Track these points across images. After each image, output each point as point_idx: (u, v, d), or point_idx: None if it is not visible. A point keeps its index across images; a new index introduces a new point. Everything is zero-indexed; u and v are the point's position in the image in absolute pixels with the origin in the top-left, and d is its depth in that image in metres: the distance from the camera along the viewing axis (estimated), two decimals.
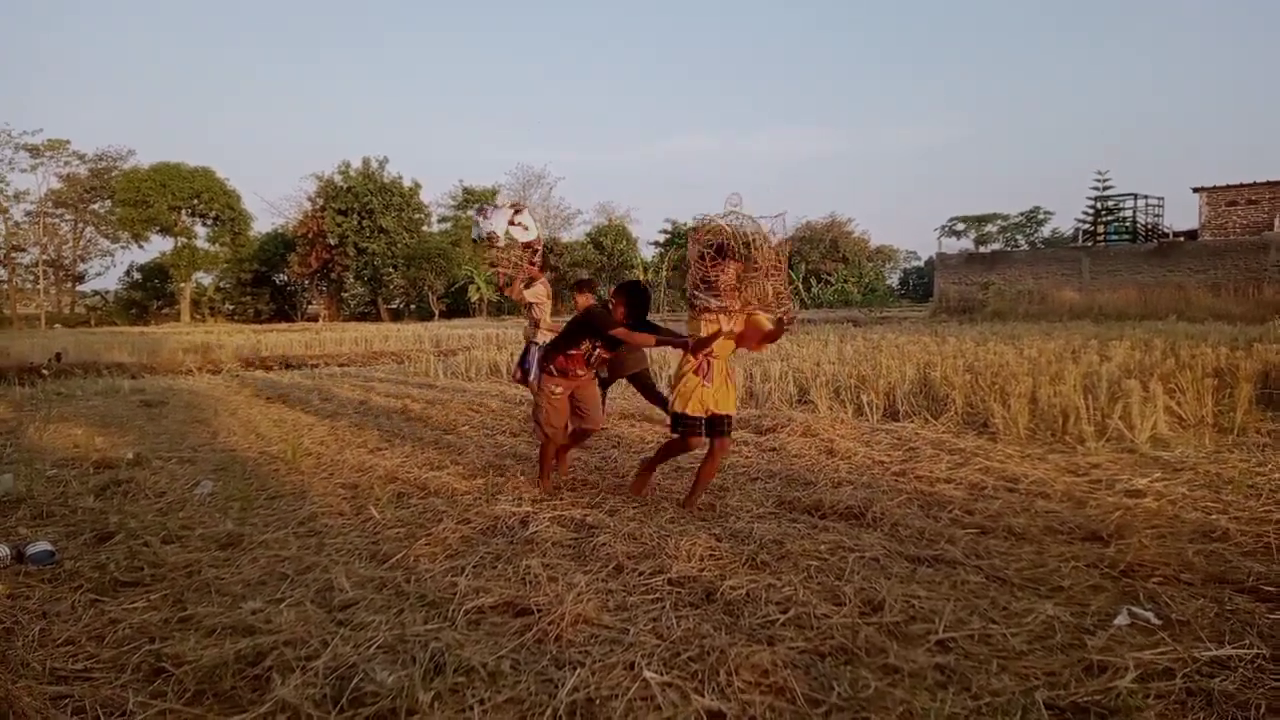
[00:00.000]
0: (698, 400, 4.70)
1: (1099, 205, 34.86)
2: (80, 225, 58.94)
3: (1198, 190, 32.35)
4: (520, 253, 7.41)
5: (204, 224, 57.28)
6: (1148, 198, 33.33)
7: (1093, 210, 35.16)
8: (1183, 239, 31.60)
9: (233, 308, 58.78)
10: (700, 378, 4.71)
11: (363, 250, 53.82)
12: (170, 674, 2.77)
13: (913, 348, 12.60)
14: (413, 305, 57.16)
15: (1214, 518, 4.27)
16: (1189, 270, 28.70)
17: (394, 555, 4.06)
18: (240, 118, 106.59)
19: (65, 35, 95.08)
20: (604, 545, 4.08)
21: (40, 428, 8.19)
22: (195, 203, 55.19)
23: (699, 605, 3.36)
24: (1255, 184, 31.15)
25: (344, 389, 12.24)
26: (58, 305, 59.62)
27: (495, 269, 7.46)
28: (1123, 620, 3.06)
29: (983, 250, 51.28)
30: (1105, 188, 34.57)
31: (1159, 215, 33.51)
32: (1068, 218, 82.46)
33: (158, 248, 57.54)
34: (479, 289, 51.85)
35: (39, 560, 4.01)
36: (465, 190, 63.91)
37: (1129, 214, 33.73)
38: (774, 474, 5.70)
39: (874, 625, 3.08)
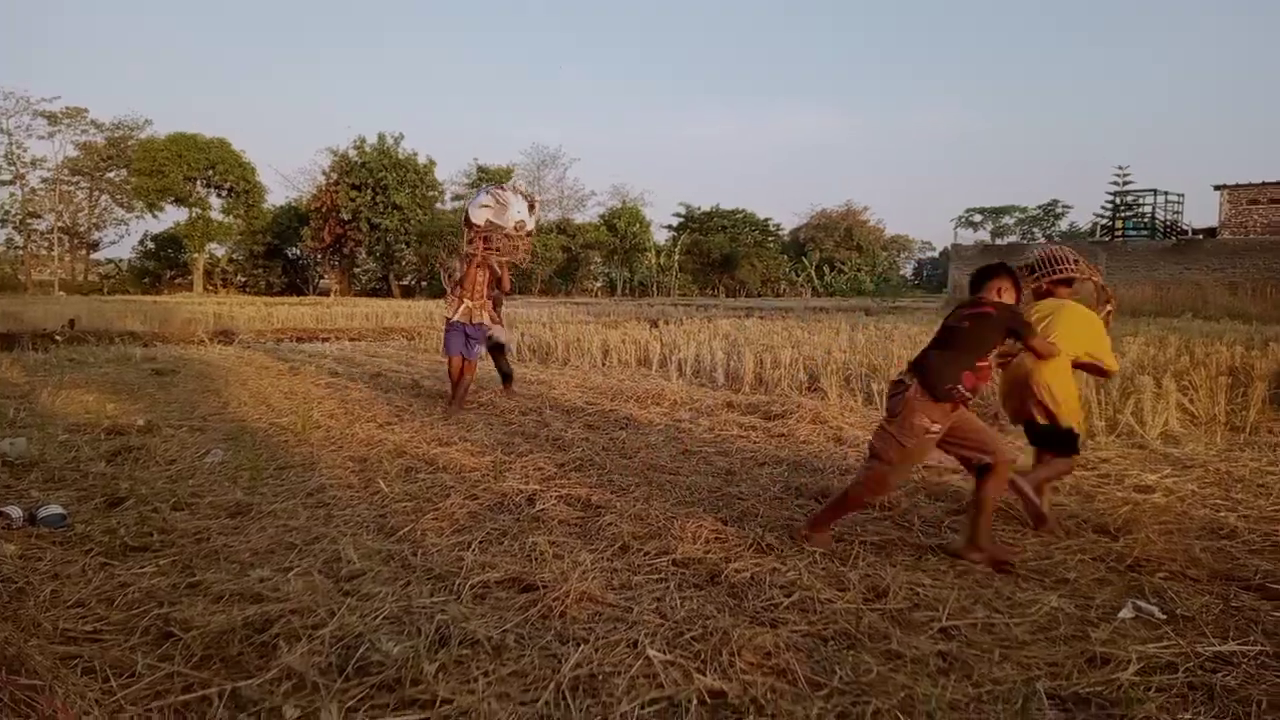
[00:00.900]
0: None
1: (1118, 200, 34.58)
2: (96, 193, 59.12)
3: (1219, 188, 32.05)
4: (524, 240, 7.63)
5: (218, 195, 57.32)
6: (1168, 194, 33.04)
7: (1112, 205, 34.88)
8: (1201, 237, 31.33)
9: (245, 279, 58.90)
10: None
11: (375, 226, 53.79)
12: (178, 638, 2.80)
13: (925, 338, 12.55)
14: (424, 282, 57.20)
15: (1223, 515, 4.26)
16: (1207, 268, 28.47)
17: (401, 528, 4.09)
18: (257, 89, 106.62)
19: (83, 1, 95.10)
20: (610, 525, 4.10)
21: (53, 393, 8.25)
22: (210, 174, 55.22)
23: (703, 587, 3.37)
24: (1278, 183, 30.81)
25: (355, 363, 12.29)
26: (71, 273, 59.89)
27: (501, 255, 7.51)
28: (1127, 614, 3.06)
29: (999, 243, 50.98)
30: (1125, 183, 34.29)
31: (1178, 212, 33.24)
32: (1086, 212, 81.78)
33: (172, 218, 57.64)
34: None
35: (51, 523, 4.05)
36: (480, 169, 63.79)
37: (1148, 210, 33.45)
38: (782, 460, 5.70)
39: (878, 611, 3.09)
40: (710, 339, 12.81)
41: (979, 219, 66.92)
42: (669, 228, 67.52)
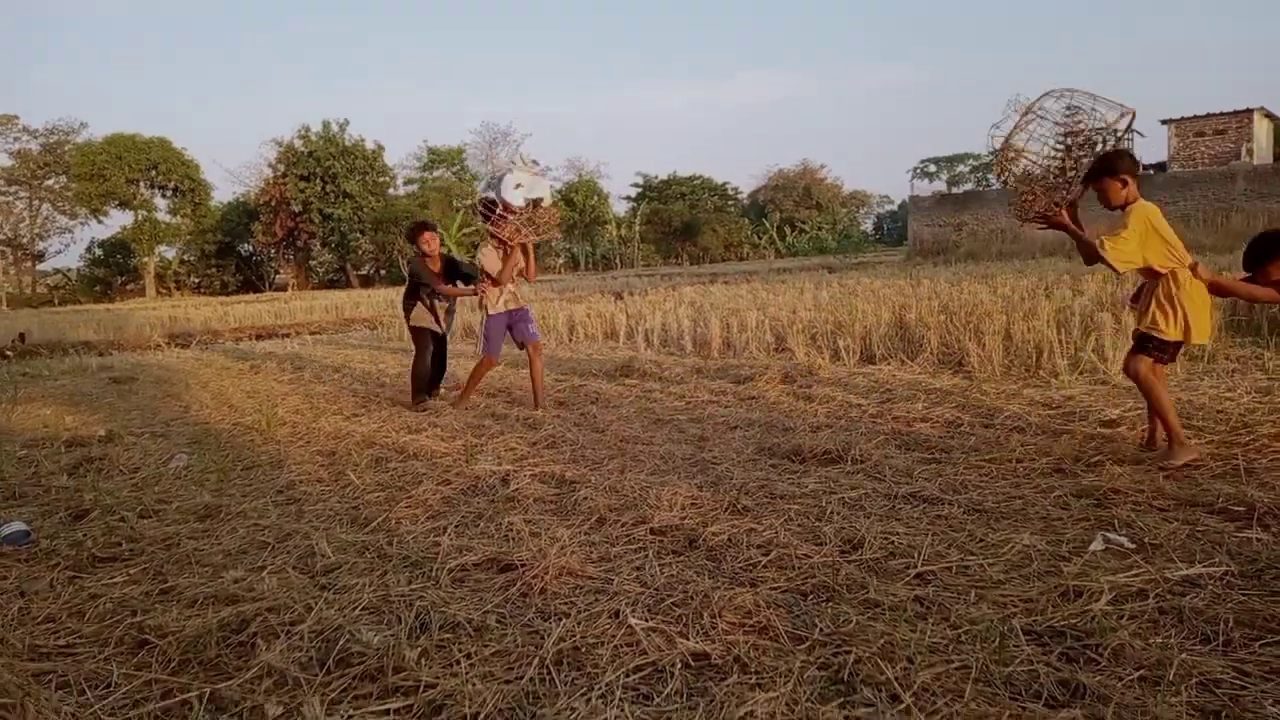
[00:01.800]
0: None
1: (1068, 141, 34.95)
2: (36, 202, 57.53)
3: (1166, 122, 32.47)
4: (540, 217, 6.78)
5: (163, 196, 56.07)
6: (1117, 131, 33.42)
7: (1062, 146, 35.22)
8: (1152, 172, 31.78)
9: (198, 280, 57.85)
10: None
11: (328, 216, 52.98)
12: (154, 645, 2.75)
13: (888, 291, 12.66)
14: (382, 270, 56.51)
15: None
16: (1159, 202, 28.40)
17: (375, 519, 4.05)
18: (193, 84, 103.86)
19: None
20: (586, 499, 4.09)
21: (7, 409, 8.05)
22: (153, 174, 53.97)
23: (681, 553, 3.38)
24: (1222, 114, 31.30)
25: (317, 357, 12.13)
26: (19, 286, 58.36)
27: (541, 235, 6.80)
28: (1097, 546, 3.11)
29: (955, 191, 51.37)
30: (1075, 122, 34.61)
31: (1130, 148, 33.65)
32: None
33: (118, 222, 56.38)
34: (449, 250, 51.27)
35: (14, 540, 3.96)
36: (430, 150, 62.94)
37: (1099, 148, 33.82)
38: (753, 422, 5.73)
39: (854, 563, 3.12)
40: (676, 307, 12.80)
41: (934, 169, 67.36)
42: (627, 199, 67.27)
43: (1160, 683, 2.18)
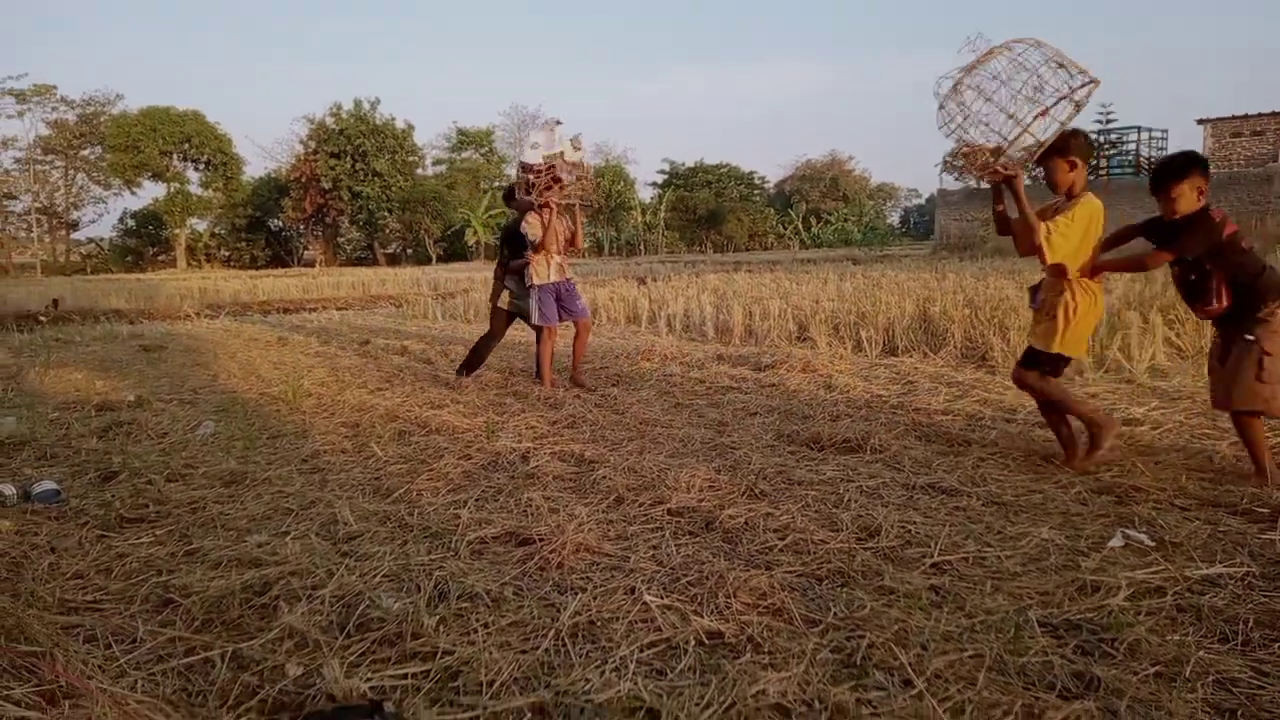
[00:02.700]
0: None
1: (1102, 139, 34.40)
2: (71, 172, 58.26)
3: (1202, 122, 31.92)
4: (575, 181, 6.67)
5: (196, 169, 56.63)
6: (1151, 131, 32.87)
7: (1096, 144, 34.69)
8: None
9: (228, 254, 58.42)
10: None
11: (357, 194, 53.31)
12: (178, 604, 2.81)
13: (912, 284, 12.56)
14: (409, 249, 56.83)
15: (1210, 444, 4.31)
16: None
17: (397, 490, 4.10)
18: (228, 58, 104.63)
19: None
20: (604, 478, 4.12)
21: (41, 372, 8.21)
22: (186, 147, 54.50)
23: (698, 534, 3.40)
24: (1260, 115, 30.70)
25: (343, 332, 12.24)
26: (53, 254, 59.21)
27: (578, 192, 6.70)
28: (1117, 543, 3.10)
29: (984, 186, 50.80)
30: (1108, 121, 34.08)
31: (1163, 149, 33.08)
32: None
33: (150, 194, 57.03)
34: (475, 232, 51.46)
35: (45, 499, 4.05)
36: (460, 131, 63.09)
37: (1132, 148, 33.30)
38: (773, 409, 5.73)
39: (870, 550, 3.13)
40: (699, 294, 12.79)
41: (963, 164, 66.53)
42: (654, 185, 67.14)
43: (1176, 679, 2.17)
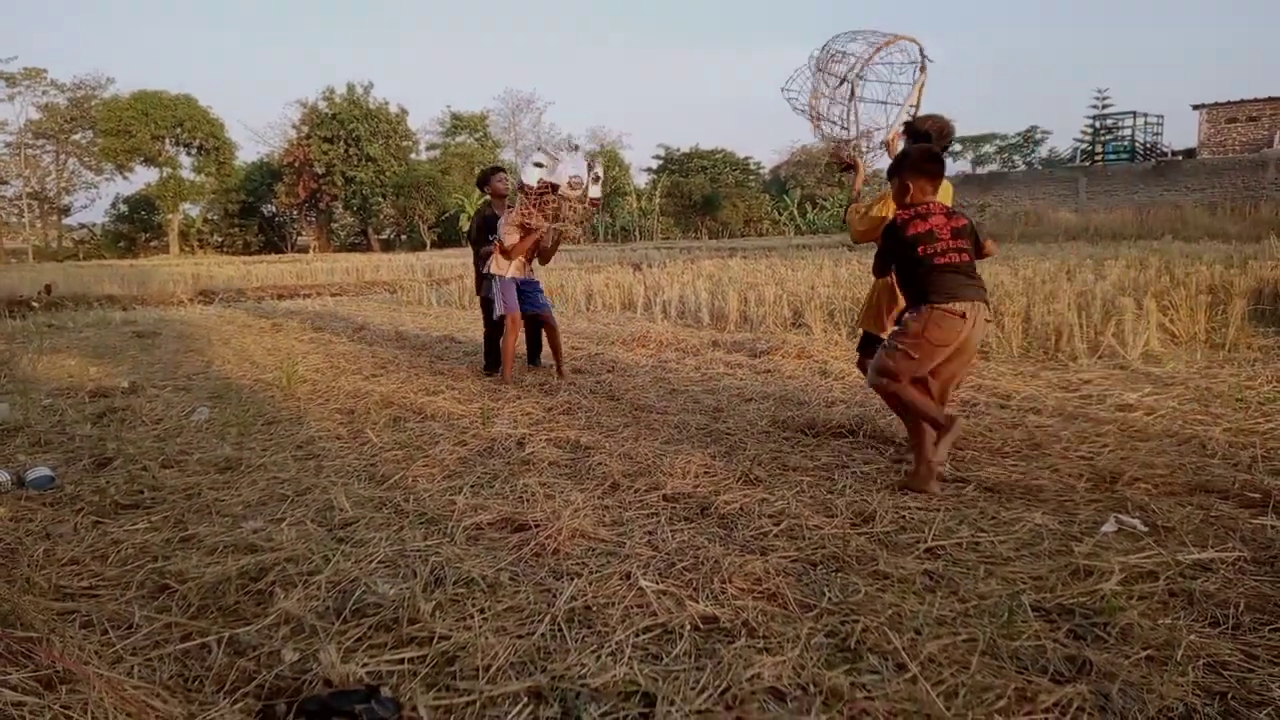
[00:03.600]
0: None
1: (1098, 124, 34.39)
2: (62, 156, 57.81)
3: (1197, 107, 31.91)
4: (584, 206, 6.46)
5: (188, 154, 56.26)
6: (1147, 116, 32.87)
7: (1091, 129, 34.70)
8: (1181, 158, 31.27)
9: (221, 239, 58.14)
10: None
11: (350, 179, 53.05)
12: (174, 590, 2.82)
13: None
14: (403, 235, 56.62)
15: (1203, 430, 4.33)
16: (1186, 189, 28.48)
17: (392, 476, 4.10)
18: (219, 40, 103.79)
19: None
20: (600, 464, 4.13)
21: (33, 359, 8.17)
22: (178, 131, 54.11)
23: (693, 519, 3.41)
24: (1256, 100, 30.70)
25: (337, 318, 12.21)
26: (45, 239, 58.84)
27: (555, 223, 6.41)
28: (1110, 528, 3.11)
29: (979, 172, 50.78)
30: (1104, 106, 34.08)
31: (1158, 134, 33.12)
32: (1065, 137, 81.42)
33: (142, 179, 56.67)
34: (470, 218, 51.22)
35: (39, 485, 4.05)
36: (454, 116, 62.75)
37: (1128, 133, 33.29)
38: (768, 395, 5.73)
39: (865, 535, 3.14)
40: (694, 280, 12.77)
41: (959, 149, 66.36)
42: (648, 170, 66.91)
43: (1167, 662, 2.19)
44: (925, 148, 3.89)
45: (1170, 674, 2.13)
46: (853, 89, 4.08)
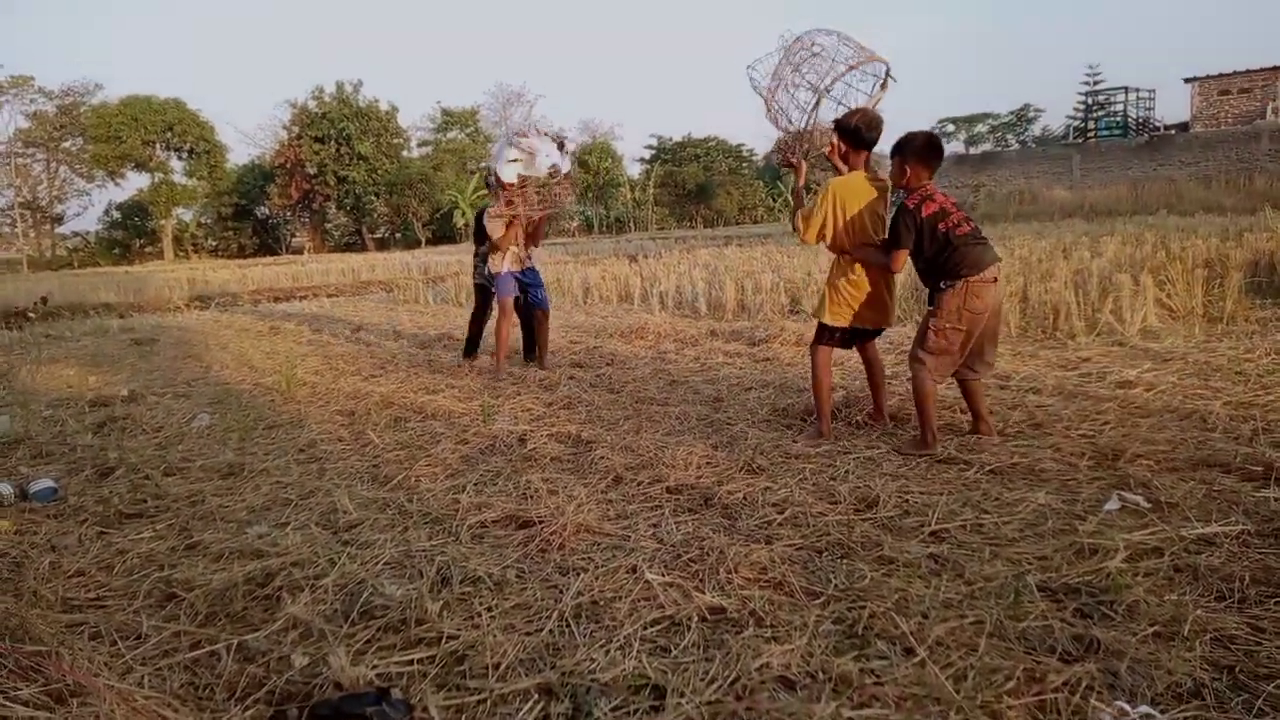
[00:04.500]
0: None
1: (1090, 101, 34.32)
2: (53, 164, 57.61)
3: (1189, 80, 31.84)
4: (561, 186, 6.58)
5: (179, 158, 56.06)
6: (1139, 91, 32.80)
7: (1084, 106, 34.64)
8: (1174, 132, 31.21)
9: (215, 243, 58.02)
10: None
11: (343, 179, 52.91)
12: (181, 598, 2.82)
13: None
14: (398, 233, 56.50)
15: (1203, 404, 4.33)
16: (1180, 163, 28.45)
17: (395, 477, 4.10)
18: (206, 42, 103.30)
19: None
20: (602, 458, 4.13)
21: (32, 370, 8.16)
22: (169, 136, 53.89)
23: (697, 510, 3.41)
24: (1248, 71, 30.65)
25: (334, 319, 12.19)
26: (38, 248, 58.66)
27: (543, 209, 6.54)
28: (1113, 505, 3.12)
29: (972, 152, 50.68)
30: (1096, 82, 34.01)
31: (1150, 109, 33.05)
32: (1058, 115, 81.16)
33: (134, 185, 56.49)
34: (464, 214, 51.14)
35: (42, 497, 4.05)
36: (444, 111, 62.53)
37: (1120, 108, 33.23)
38: (768, 383, 5.74)
39: (869, 521, 3.15)
40: (690, 270, 12.76)
41: (952, 129, 66.24)
42: (642, 160, 66.75)
43: (1175, 638, 2.20)
44: (930, 135, 4.02)
45: (1178, 649, 2.14)
46: (818, 100, 4.14)
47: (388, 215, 55.85)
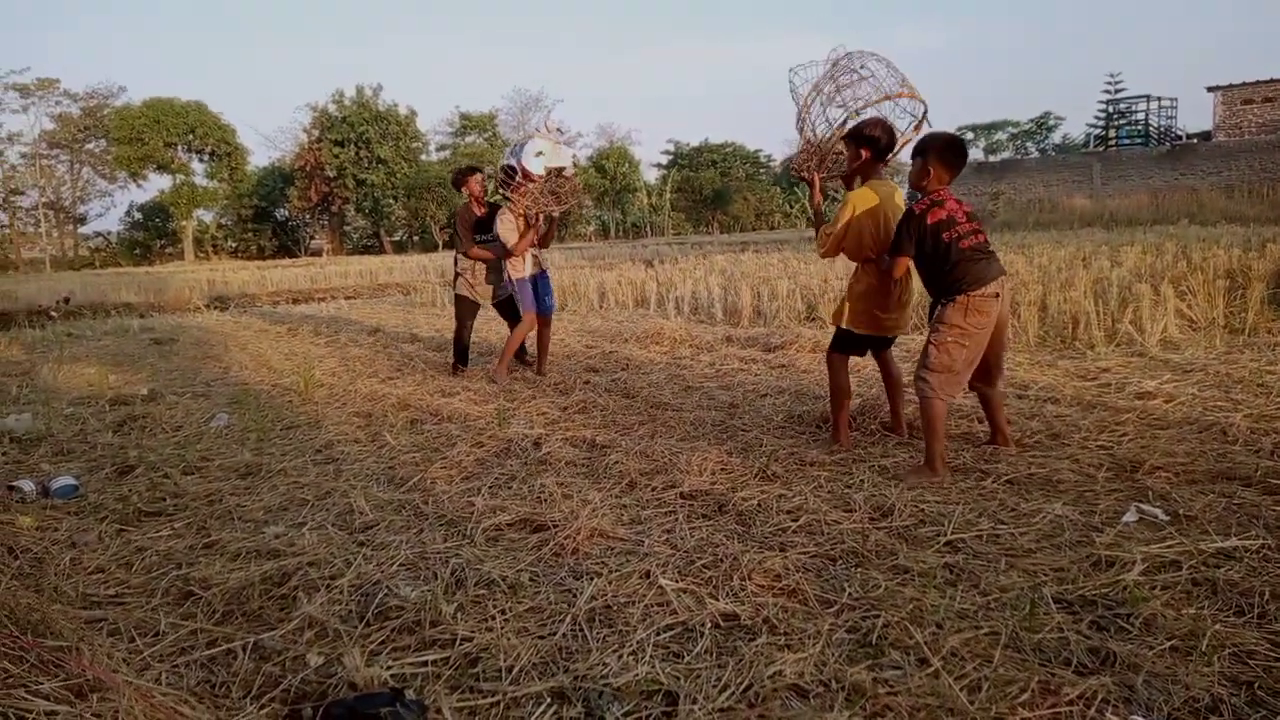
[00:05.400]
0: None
1: (1111, 109, 34.08)
2: (77, 166, 58.31)
3: (1212, 89, 31.53)
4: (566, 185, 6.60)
5: (200, 160, 56.61)
6: (1160, 99, 32.54)
7: (1105, 114, 34.39)
8: (1196, 141, 30.94)
9: (235, 245, 58.49)
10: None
11: (362, 182, 53.24)
12: (199, 596, 2.85)
13: None
14: (416, 236, 56.78)
15: (1223, 416, 4.29)
16: (1202, 173, 28.19)
17: (411, 478, 4.13)
18: (226, 44, 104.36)
19: None
20: (616, 463, 4.13)
21: (54, 368, 8.26)
22: (190, 138, 54.42)
23: (711, 516, 3.41)
24: (1272, 80, 30.30)
25: (352, 322, 12.27)
26: (61, 248, 59.35)
27: (565, 203, 6.59)
28: (1131, 518, 3.10)
29: (992, 159, 50.42)
30: (1117, 91, 33.77)
31: (1172, 117, 32.79)
32: (1079, 123, 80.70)
33: (156, 186, 57.02)
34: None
35: (63, 494, 4.10)
36: (462, 116, 62.82)
37: (1141, 117, 32.98)
38: (783, 390, 5.73)
39: (884, 530, 3.14)
40: (706, 275, 12.76)
41: (971, 136, 65.89)
42: (658, 166, 66.83)
43: (1192, 653, 2.18)
44: (953, 136, 3.95)
45: (1195, 664, 2.12)
46: (846, 120, 4.14)
47: (406, 218, 56.14)
